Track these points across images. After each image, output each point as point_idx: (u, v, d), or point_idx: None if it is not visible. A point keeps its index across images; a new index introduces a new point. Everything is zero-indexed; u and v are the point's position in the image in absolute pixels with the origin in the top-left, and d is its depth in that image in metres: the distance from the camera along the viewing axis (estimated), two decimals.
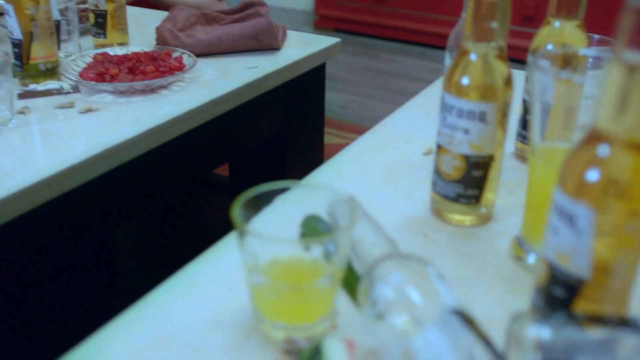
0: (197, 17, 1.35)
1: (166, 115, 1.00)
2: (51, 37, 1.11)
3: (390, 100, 3.17)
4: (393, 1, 4.10)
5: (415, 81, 3.44)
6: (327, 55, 1.38)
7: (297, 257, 0.53)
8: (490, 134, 0.66)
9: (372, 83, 3.40)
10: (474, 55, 0.65)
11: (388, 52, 3.93)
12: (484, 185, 0.69)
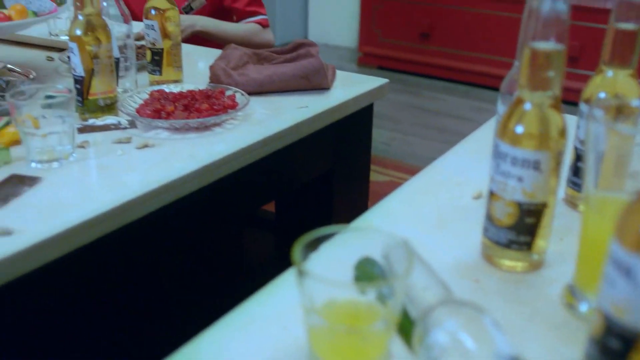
0: (249, 56, 1.38)
1: (220, 153, 1.02)
2: (111, 74, 1.15)
3: (434, 139, 3.18)
4: (436, 40, 4.13)
5: (459, 120, 3.44)
6: (375, 96, 1.40)
7: (353, 300, 0.54)
8: (544, 182, 0.67)
9: (415, 121, 3.42)
10: (530, 104, 0.66)
11: (431, 90, 3.95)
12: (536, 232, 0.70)
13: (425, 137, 3.21)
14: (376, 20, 4.34)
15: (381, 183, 2.61)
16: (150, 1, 1.30)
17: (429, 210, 0.85)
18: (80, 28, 1.11)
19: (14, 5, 1.27)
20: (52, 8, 1.32)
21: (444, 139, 3.17)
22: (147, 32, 1.31)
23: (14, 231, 0.80)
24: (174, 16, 1.30)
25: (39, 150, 0.98)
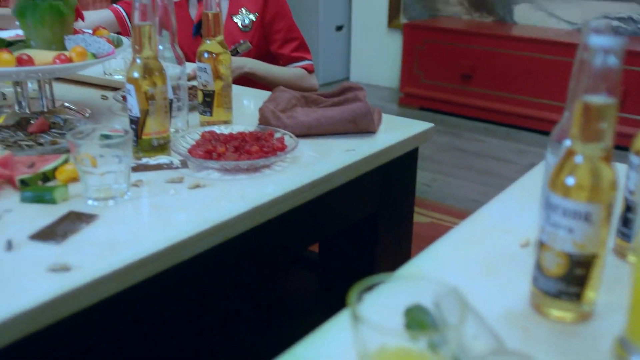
0: (297, 99, 1.42)
1: (269, 195, 1.04)
2: (165, 114, 1.19)
3: (475, 180, 3.17)
4: (478, 81, 4.14)
5: (500, 162, 3.43)
6: (420, 140, 1.42)
7: (404, 347, 0.55)
8: (595, 234, 0.67)
9: (456, 162, 3.42)
10: (581, 156, 0.67)
11: (472, 132, 3.95)
12: (586, 283, 0.70)
13: (466, 178, 3.20)
14: (418, 62, 4.38)
15: (422, 224, 2.60)
16: (203, 45, 1.34)
17: (477, 257, 0.86)
18: (138, 71, 1.15)
19: (75, 47, 1.32)
20: (110, 50, 1.37)
21: (485, 181, 3.16)
22: (199, 75, 1.35)
23: (72, 267, 0.83)
24: (226, 59, 1.34)
25: (95, 188, 1.01)
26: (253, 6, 1.93)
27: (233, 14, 1.94)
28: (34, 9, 1.35)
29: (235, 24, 1.94)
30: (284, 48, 1.96)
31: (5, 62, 1.25)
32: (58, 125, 1.35)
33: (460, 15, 4.57)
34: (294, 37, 1.97)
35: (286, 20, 1.96)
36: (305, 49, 2.00)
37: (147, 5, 1.14)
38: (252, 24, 1.93)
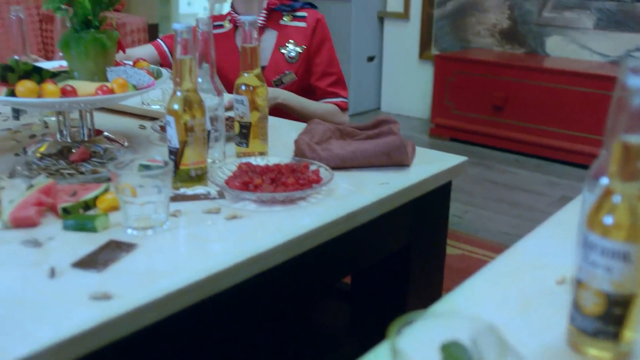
0: (332, 132, 1.43)
1: (304, 227, 1.06)
2: (203, 145, 1.22)
3: (506, 213, 3.15)
4: (509, 113, 4.14)
5: (532, 194, 3.41)
6: (454, 173, 1.42)
7: None
8: (633, 273, 0.67)
9: (487, 194, 3.40)
10: (620, 195, 0.67)
11: (503, 163, 3.94)
12: (625, 323, 0.70)
13: (497, 210, 3.19)
14: (449, 93, 4.39)
15: (454, 256, 2.59)
16: (241, 78, 1.37)
17: (513, 294, 0.86)
18: (178, 103, 1.18)
19: (116, 79, 1.36)
20: (150, 82, 1.41)
21: (517, 214, 3.14)
22: (236, 106, 1.38)
23: (113, 296, 0.85)
24: (263, 92, 1.37)
25: (135, 217, 1.03)
26: (301, 39, 1.97)
27: (281, 46, 1.98)
28: (78, 42, 1.40)
29: (283, 55, 1.97)
30: (321, 81, 1.99)
31: (51, 92, 1.29)
32: (98, 155, 1.38)
33: (492, 47, 4.58)
34: (333, 72, 2.00)
35: (328, 54, 2.00)
36: (342, 85, 2.03)
37: (189, 40, 1.17)
38: (298, 56, 1.97)
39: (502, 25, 4.51)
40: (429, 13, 4.81)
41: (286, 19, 1.99)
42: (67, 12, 1.42)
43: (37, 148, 1.47)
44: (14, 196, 1.14)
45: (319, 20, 1.98)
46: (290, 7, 1.99)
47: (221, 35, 2.08)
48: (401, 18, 4.95)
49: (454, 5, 4.70)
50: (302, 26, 1.97)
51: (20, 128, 1.69)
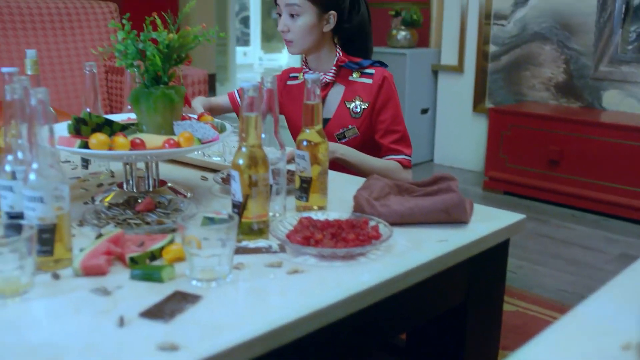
0: (390, 187, 1.45)
1: (364, 283, 1.07)
2: (265, 200, 1.25)
3: (563, 269, 3.09)
4: (565, 167, 4.09)
5: (589, 251, 3.35)
6: (512, 231, 1.42)
7: None
8: None
9: (542, 249, 3.35)
10: None
11: (560, 218, 3.88)
12: None
13: (553, 267, 3.13)
14: (503, 146, 4.37)
15: (508, 313, 2.55)
16: (303, 134, 1.41)
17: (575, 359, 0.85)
18: (243, 158, 1.22)
19: (183, 132, 1.41)
20: (215, 136, 1.46)
21: (574, 270, 3.08)
22: (298, 161, 1.41)
23: (179, 347, 0.87)
24: (324, 148, 1.40)
25: (200, 269, 1.07)
26: (367, 96, 2.01)
27: (347, 100, 2.03)
28: (148, 97, 1.46)
29: (348, 109, 2.01)
30: (385, 138, 2.01)
31: (121, 145, 1.35)
32: (163, 205, 1.43)
33: (547, 101, 4.56)
34: (397, 130, 2.02)
35: (393, 112, 2.02)
36: (406, 143, 2.04)
37: (255, 98, 1.22)
38: (362, 111, 2.00)
39: (558, 79, 4.49)
40: (483, 66, 4.84)
41: (355, 75, 2.04)
42: (138, 68, 1.49)
43: (105, 197, 1.53)
44: (84, 244, 1.19)
45: (385, 78, 2.01)
46: (359, 64, 2.03)
47: (295, 86, 2.14)
48: (455, 71, 4.98)
49: (508, 59, 4.71)
50: (368, 83, 2.01)
51: (88, 177, 1.76)
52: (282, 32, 1.99)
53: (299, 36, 1.97)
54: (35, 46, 3.28)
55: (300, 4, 1.93)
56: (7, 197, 1.20)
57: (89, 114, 1.46)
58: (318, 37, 1.99)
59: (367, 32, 2.12)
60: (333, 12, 1.98)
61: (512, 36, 4.67)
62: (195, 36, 1.49)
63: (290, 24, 1.96)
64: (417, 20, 5.04)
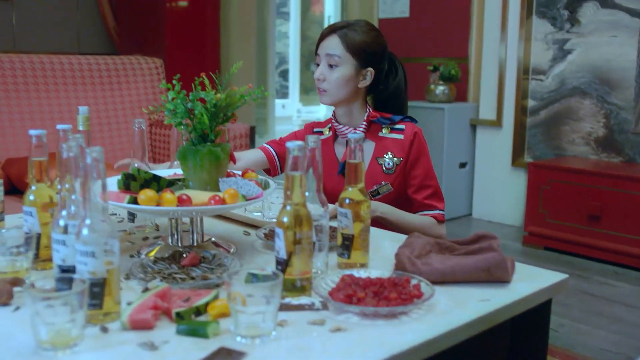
0: (432, 245, 1.46)
1: (407, 343, 1.08)
2: (309, 257, 1.27)
3: (606, 328, 3.03)
4: (606, 223, 4.05)
5: (633, 309, 3.28)
6: (554, 291, 1.42)
7: None
8: None
9: (584, 307, 3.29)
10: None
11: (602, 275, 3.82)
12: None
13: (596, 325, 3.07)
14: (543, 201, 4.34)
15: None
16: (345, 192, 1.43)
17: None
18: (288, 216, 1.24)
19: (228, 189, 1.45)
20: (259, 193, 1.49)
21: (617, 330, 3.01)
22: (340, 219, 1.44)
23: None
24: (366, 206, 1.43)
25: (245, 326, 1.08)
26: (398, 151, 2.03)
27: (378, 157, 2.05)
28: (195, 154, 1.51)
29: (380, 166, 2.04)
30: (418, 194, 2.02)
31: (169, 201, 1.39)
32: (207, 260, 1.45)
33: (587, 155, 4.54)
34: (429, 185, 2.03)
35: (425, 167, 2.04)
36: (439, 197, 2.05)
37: (299, 157, 1.25)
38: (395, 167, 2.02)
39: (598, 134, 4.48)
40: (522, 121, 4.84)
41: (385, 130, 2.06)
42: (186, 126, 1.54)
43: (150, 250, 1.57)
44: (130, 297, 1.22)
45: (416, 134, 2.03)
46: (389, 120, 2.06)
47: (321, 141, 2.16)
48: (494, 125, 5.00)
49: (547, 113, 4.72)
50: (399, 138, 2.04)
51: (134, 230, 1.80)
52: (318, 80, 2.03)
53: (334, 87, 2.01)
54: (84, 100, 3.40)
55: (341, 55, 1.98)
56: (60, 250, 1.24)
57: (137, 169, 1.51)
58: (352, 91, 2.03)
59: (403, 97, 2.15)
60: (371, 70, 2.03)
61: (551, 91, 4.69)
62: (241, 95, 1.54)
63: (327, 74, 2.01)
64: (455, 75, 5.09)
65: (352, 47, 1.99)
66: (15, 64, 3.25)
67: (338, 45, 1.99)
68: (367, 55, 2.01)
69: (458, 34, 5.29)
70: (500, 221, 5.00)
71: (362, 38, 2.00)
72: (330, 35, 2.02)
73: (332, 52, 1.99)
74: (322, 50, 2.03)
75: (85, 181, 1.15)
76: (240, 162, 2.15)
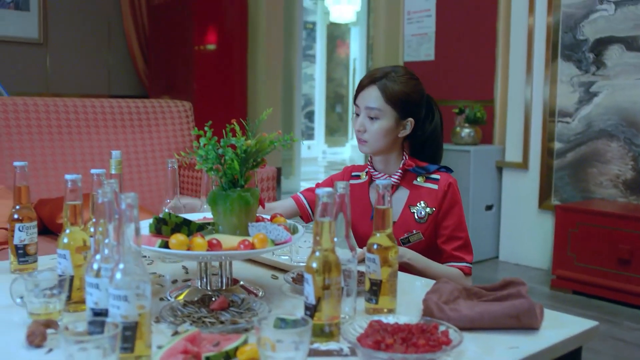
0: (460, 291, 1.46)
1: None
2: (337, 302, 1.28)
3: None
4: (636, 266, 3.99)
5: None
6: (584, 339, 1.41)
7: None
8: None
9: (615, 354, 3.24)
10: None
11: (633, 320, 3.75)
12: None
13: None
14: (571, 244, 4.30)
15: None
16: (373, 237, 1.44)
17: None
18: (317, 262, 1.26)
19: (257, 234, 1.47)
20: (288, 237, 1.51)
21: None
22: (368, 264, 1.45)
23: None
24: (394, 252, 1.44)
25: None
26: (432, 201, 2.04)
27: (411, 205, 2.05)
28: (225, 199, 1.53)
29: (412, 214, 2.04)
30: (447, 244, 2.02)
31: (199, 246, 1.42)
32: (236, 304, 1.47)
33: (616, 198, 4.50)
34: (459, 237, 2.02)
35: (457, 218, 2.04)
36: (468, 250, 2.04)
37: (329, 204, 1.27)
38: (427, 217, 2.02)
39: (626, 176, 4.45)
40: (548, 163, 4.83)
41: (420, 179, 2.07)
42: (217, 171, 1.57)
43: (180, 294, 1.59)
44: (160, 341, 1.23)
45: (450, 184, 2.04)
46: (425, 169, 2.07)
47: (357, 185, 2.18)
48: (520, 168, 4.99)
49: (574, 156, 4.70)
50: (434, 188, 2.04)
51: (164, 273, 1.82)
52: (358, 132, 2.05)
53: (375, 138, 2.03)
54: (115, 142, 3.47)
55: (381, 107, 2.00)
56: (93, 293, 1.26)
57: (169, 214, 1.54)
58: (392, 141, 2.05)
59: (439, 141, 2.16)
60: (411, 120, 2.04)
61: (578, 133, 4.68)
62: (271, 142, 1.57)
63: (368, 126, 2.03)
64: (481, 117, 5.11)
65: (392, 99, 2.00)
66: (49, 107, 3.34)
67: (378, 98, 2.01)
68: (407, 106, 2.02)
69: (483, 76, 5.33)
70: (527, 264, 4.95)
71: (402, 89, 2.01)
72: (369, 87, 2.03)
73: (372, 104, 2.01)
74: (362, 102, 2.04)
75: (119, 226, 1.18)
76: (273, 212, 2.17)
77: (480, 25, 5.37)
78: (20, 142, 3.22)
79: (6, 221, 2.68)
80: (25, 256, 1.77)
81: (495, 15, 5.22)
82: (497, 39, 5.21)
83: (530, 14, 4.89)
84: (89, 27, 7.44)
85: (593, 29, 4.57)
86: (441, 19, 5.65)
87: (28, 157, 3.21)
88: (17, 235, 1.76)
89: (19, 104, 3.26)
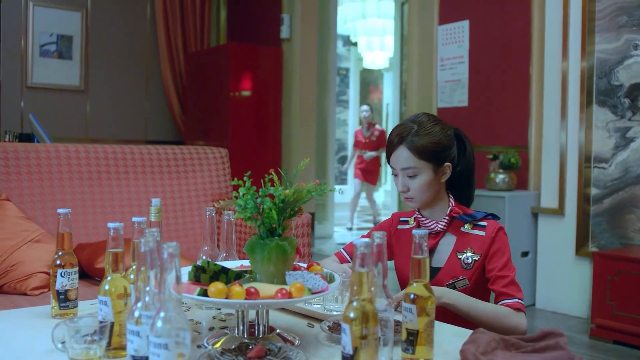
0: (497, 342, 1.45)
1: None
2: (374, 352, 1.28)
3: None
4: None
5: None
6: None
7: None
8: None
9: None
10: None
11: None
12: None
13: None
14: (610, 292, 4.22)
15: None
16: (410, 287, 1.45)
17: None
18: (354, 312, 1.27)
19: (294, 283, 1.49)
20: (324, 286, 1.52)
21: None
22: (404, 314, 1.45)
23: None
24: (431, 301, 1.43)
25: None
26: (479, 248, 2.03)
27: (458, 251, 2.05)
28: (263, 248, 1.55)
29: (459, 260, 2.04)
30: (495, 284, 1.99)
31: (237, 294, 1.44)
32: (273, 353, 1.48)
33: None
34: (506, 275, 1.99)
35: (504, 260, 2.01)
36: (516, 287, 1.99)
37: (366, 254, 1.28)
38: (474, 263, 2.02)
39: None
40: (585, 209, 4.77)
41: (467, 226, 2.07)
42: (255, 220, 1.60)
43: (217, 341, 1.60)
44: None
45: (498, 230, 2.04)
46: (472, 217, 2.07)
47: (405, 231, 2.19)
48: (556, 214, 4.93)
49: (611, 202, 4.64)
50: (481, 235, 2.04)
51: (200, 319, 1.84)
52: (402, 192, 2.07)
53: (419, 193, 2.05)
54: (152, 188, 3.53)
55: (416, 165, 2.02)
56: (134, 341, 1.28)
57: (207, 262, 1.56)
58: (437, 189, 2.07)
59: (471, 170, 2.17)
60: (448, 164, 2.06)
61: (614, 179, 4.63)
62: (308, 191, 1.59)
63: (410, 184, 2.05)
64: (516, 163, 5.09)
65: (424, 154, 2.02)
66: (89, 153, 3.42)
67: (410, 158, 2.03)
68: (440, 154, 2.04)
69: (517, 121, 5.32)
70: (565, 312, 4.86)
71: (430, 140, 2.03)
72: (398, 148, 2.05)
73: (406, 165, 2.03)
74: (396, 164, 2.07)
75: (161, 274, 1.21)
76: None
77: (513, 70, 5.38)
78: (61, 188, 3.29)
79: (48, 266, 2.75)
80: (67, 301, 1.80)
81: (528, 60, 5.23)
82: (531, 85, 5.22)
83: (563, 59, 4.89)
84: (128, 74, 7.64)
85: (628, 74, 4.56)
86: (474, 66, 5.68)
87: (68, 202, 3.28)
88: (59, 281, 1.80)
89: (60, 150, 3.34)
